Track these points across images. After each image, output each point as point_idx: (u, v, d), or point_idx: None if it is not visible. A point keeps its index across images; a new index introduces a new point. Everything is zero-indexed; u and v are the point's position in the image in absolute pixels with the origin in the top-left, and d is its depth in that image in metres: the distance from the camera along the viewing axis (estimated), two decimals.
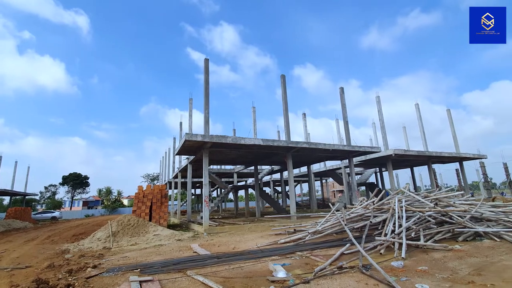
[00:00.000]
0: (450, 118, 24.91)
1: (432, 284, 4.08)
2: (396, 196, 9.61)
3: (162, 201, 14.22)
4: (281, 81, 15.50)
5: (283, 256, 6.55)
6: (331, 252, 6.51)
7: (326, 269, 5.02)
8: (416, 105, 24.05)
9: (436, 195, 10.03)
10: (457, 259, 5.49)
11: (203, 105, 13.08)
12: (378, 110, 20.40)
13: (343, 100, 17.81)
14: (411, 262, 5.39)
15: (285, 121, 15.00)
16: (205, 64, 13.57)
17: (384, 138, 19.94)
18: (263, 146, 13.93)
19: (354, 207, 10.34)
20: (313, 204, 24.14)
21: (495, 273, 4.46)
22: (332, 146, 15.55)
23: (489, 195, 26.86)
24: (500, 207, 10.52)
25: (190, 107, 19.14)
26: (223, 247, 8.19)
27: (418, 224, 7.88)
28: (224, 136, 12.58)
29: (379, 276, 4.40)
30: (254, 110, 22.43)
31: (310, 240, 8.21)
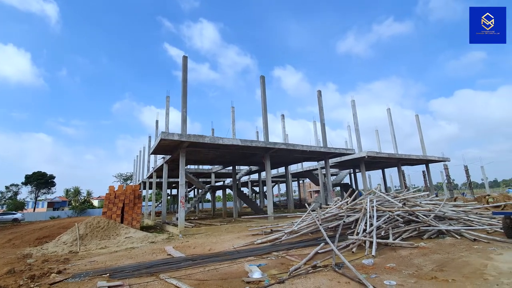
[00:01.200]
0: (418, 123, 26.49)
1: (399, 280, 4.29)
2: (368, 197, 10.02)
3: (135, 202, 13.68)
4: (260, 82, 15.57)
5: (260, 256, 6.56)
6: (306, 251, 6.63)
7: (301, 268, 5.11)
8: (388, 110, 25.30)
9: (405, 195, 10.60)
10: (422, 256, 5.83)
11: (180, 103, 12.78)
12: (353, 114, 21.20)
13: (320, 103, 18.27)
14: (381, 260, 5.64)
15: (263, 122, 15.08)
16: (184, 62, 13.28)
17: (358, 141, 20.75)
18: (242, 147, 13.90)
19: (329, 207, 10.63)
20: (290, 204, 24.50)
21: (455, 269, 4.79)
22: (309, 147, 15.89)
23: (451, 195, 28.91)
24: (460, 207, 11.36)
25: (167, 105, 18.63)
26: (199, 249, 8.05)
27: (388, 223, 8.27)
28: (202, 135, 12.39)
29: (351, 274, 4.55)
30: (233, 110, 22.34)
31: (286, 240, 8.31)
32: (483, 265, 4.88)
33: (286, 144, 15.29)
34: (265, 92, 15.37)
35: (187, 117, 12.79)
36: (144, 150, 29.90)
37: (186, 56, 13.36)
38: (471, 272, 4.54)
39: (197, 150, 14.42)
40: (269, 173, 15.44)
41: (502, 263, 4.97)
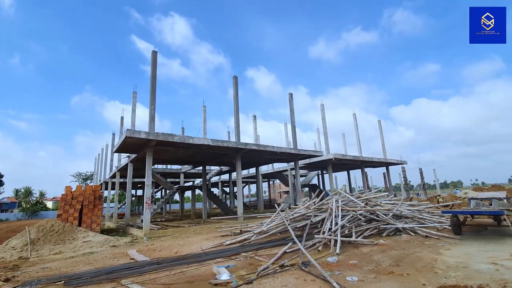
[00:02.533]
0: (380, 128, 28.32)
1: (360, 276, 4.53)
2: (334, 197, 10.47)
3: (95, 203, 12.79)
4: (233, 82, 15.50)
5: (228, 257, 6.50)
6: (275, 251, 6.72)
7: (269, 268, 5.16)
8: (353, 114, 26.68)
9: (367, 195, 11.25)
10: (381, 252, 6.22)
11: (149, 100, 12.23)
12: (322, 117, 22.01)
13: (291, 106, 18.69)
14: (344, 257, 5.90)
15: (235, 122, 15.02)
16: (153, 57, 12.74)
17: (326, 143, 21.59)
18: (213, 147, 13.70)
19: (298, 208, 10.91)
20: (260, 204, 24.69)
21: (410, 263, 5.18)
22: (280, 149, 16.16)
23: (408, 196, 31.30)
24: (415, 206, 12.35)
25: (134, 101, 17.72)
26: (165, 252, 7.75)
27: (351, 222, 8.71)
28: (171, 134, 11.97)
29: (316, 272, 4.69)
30: (205, 109, 21.93)
31: (255, 240, 8.34)
32: (434, 260, 5.34)
33: (258, 145, 15.38)
34: (238, 92, 15.34)
35: (156, 115, 12.29)
36: (107, 148, 28.11)
37: (156, 51, 12.84)
38: (423, 266, 4.94)
39: (165, 149, 13.91)
40: (240, 173, 15.41)
41: (450, 257, 5.48)
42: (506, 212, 7.11)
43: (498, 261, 4.98)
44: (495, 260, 5.06)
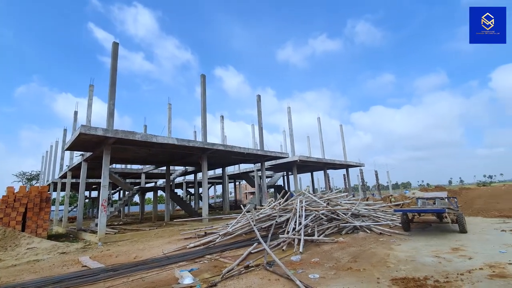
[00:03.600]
0: (342, 132, 29.98)
1: (321, 273, 4.71)
2: (298, 198, 10.78)
3: (41, 206, 11.51)
4: (201, 81, 15.14)
5: (192, 261, 6.31)
6: (240, 252, 6.69)
7: (234, 269, 5.10)
8: (318, 118, 27.85)
9: (329, 196, 11.78)
10: (341, 249, 6.55)
11: (107, 94, 11.38)
12: (288, 120, 22.59)
13: (259, 107, 18.86)
14: (307, 255, 6.10)
15: (202, 121, 14.69)
16: (114, 48, 11.90)
17: (291, 145, 22.19)
18: (178, 146, 13.21)
19: (263, 208, 11.02)
20: (226, 205, 24.46)
21: (366, 259, 5.53)
22: (246, 150, 16.19)
23: (364, 196, 33.54)
24: (371, 206, 13.26)
25: (90, 94, 16.38)
26: (122, 258, 7.25)
27: (314, 221, 9.04)
28: (132, 132, 11.28)
29: (280, 271, 4.77)
30: (170, 107, 21.09)
31: (220, 242, 8.22)
32: (387, 255, 5.77)
33: (225, 145, 15.22)
34: (205, 92, 15.03)
35: (115, 111, 11.47)
36: (57, 145, 25.55)
37: (117, 43, 12.01)
38: (377, 261, 5.31)
39: (125, 148, 13.06)
40: (206, 174, 15.10)
41: (400, 252, 5.97)
42: (447, 210, 7.98)
43: (440, 254, 5.56)
44: (438, 253, 5.63)
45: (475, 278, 3.99)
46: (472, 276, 4.08)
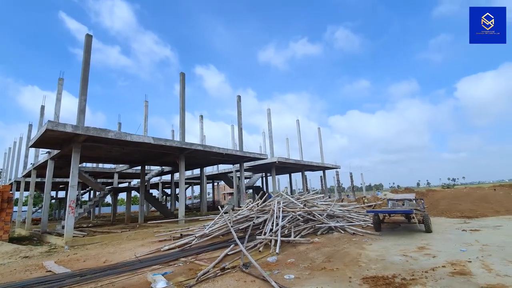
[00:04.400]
0: (320, 135, 30.74)
1: (296, 273, 4.77)
2: (276, 199, 10.88)
3: (2, 206, 10.65)
4: (180, 79, 14.82)
5: (166, 264, 6.13)
6: (217, 254, 6.60)
7: (210, 272, 5.03)
8: (297, 121, 28.35)
9: (306, 197, 12.02)
10: (316, 250, 6.69)
11: (79, 89, 10.77)
12: (268, 121, 22.77)
13: (239, 108, 18.82)
14: (283, 256, 6.16)
15: (181, 120, 14.37)
16: (87, 41, 11.30)
17: (271, 147, 22.38)
18: (154, 145, 12.80)
19: (241, 209, 10.98)
20: (203, 206, 24.07)
21: (339, 259, 5.69)
22: (225, 150, 16.07)
23: (340, 197, 34.62)
24: (345, 207, 13.71)
25: (60, 88, 15.42)
26: (91, 262, 6.88)
27: (291, 222, 9.17)
28: (105, 129, 10.76)
29: (256, 272, 4.77)
30: (147, 104, 20.42)
31: (197, 244, 8.07)
32: (359, 254, 5.98)
33: (203, 145, 15.00)
34: (185, 90, 14.73)
35: (87, 106, 10.90)
36: (22, 141, 23.76)
37: (91, 35, 11.42)
38: (350, 260, 5.49)
39: (97, 146, 12.43)
40: (183, 174, 14.77)
41: (372, 251, 6.22)
42: (414, 211, 8.44)
43: (408, 253, 5.86)
44: (405, 252, 5.94)
45: (438, 276, 4.25)
46: (435, 274, 4.35)
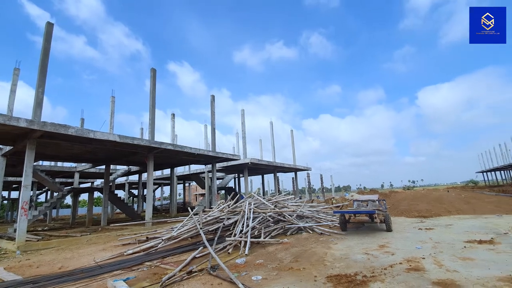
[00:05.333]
0: (292, 137, 31.41)
1: (264, 274, 4.80)
2: (247, 200, 10.88)
3: None
4: (151, 75, 14.26)
5: (129, 269, 5.83)
6: (184, 257, 6.43)
7: (176, 276, 4.87)
8: (270, 122, 28.68)
9: (277, 198, 12.18)
10: (284, 250, 6.79)
11: (36, 80, 9.89)
12: (242, 122, 22.76)
13: (213, 108, 18.58)
14: (252, 257, 6.16)
15: (150, 118, 13.81)
16: (47, 29, 10.42)
17: (244, 148, 22.38)
18: (120, 144, 12.15)
19: (212, 211, 10.82)
20: (173, 208, 23.33)
21: (306, 258, 5.83)
22: (197, 150, 15.74)
23: (310, 198, 35.60)
24: (315, 207, 14.12)
25: (15, 79, 14.06)
26: (45, 268, 6.33)
27: (261, 223, 9.22)
28: (65, 125, 9.99)
29: (224, 274, 4.71)
30: (114, 100, 19.33)
31: (163, 247, 7.78)
32: (325, 254, 6.18)
33: (174, 145, 14.55)
34: (155, 87, 14.20)
35: (46, 99, 10.06)
36: None
37: (52, 23, 10.55)
38: (316, 260, 5.64)
39: (56, 143, 11.50)
40: (151, 175, 14.20)
41: (337, 251, 6.46)
42: (377, 211, 8.94)
43: (369, 251, 6.17)
44: (367, 250, 6.25)
45: (395, 272, 4.52)
46: (393, 270, 4.62)
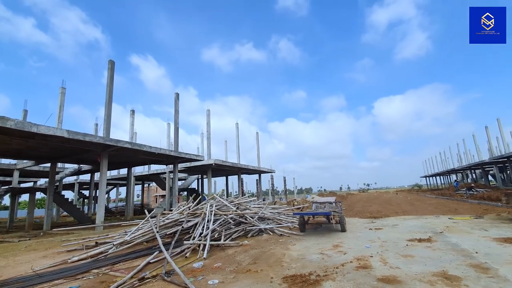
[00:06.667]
0: (257, 139, 31.74)
1: (221, 278, 4.73)
2: (209, 202, 10.67)
3: None
4: (108, 67, 13.28)
5: (73, 277, 5.31)
6: (137, 263, 6.05)
7: (126, 283, 4.56)
8: (236, 124, 28.65)
9: (239, 200, 12.16)
10: (244, 252, 6.78)
11: None
12: (207, 122, 22.37)
13: (177, 106, 17.96)
14: (210, 261, 6.03)
15: (106, 113, 12.84)
16: None
17: (208, 148, 22.01)
18: (69, 140, 11.08)
19: (171, 213, 10.40)
20: (129, 210, 21.94)
21: (264, 260, 5.88)
22: (158, 150, 15.04)
23: (273, 200, 36.26)
24: (276, 209, 14.39)
25: None
26: None
27: (222, 226, 9.10)
28: (3, 117, 8.82)
29: (179, 280, 4.53)
30: (64, 91, 17.58)
31: (115, 252, 7.24)
32: (283, 255, 6.30)
33: (132, 143, 13.72)
34: (113, 80, 13.26)
35: None
36: None
37: None
38: (274, 261, 5.73)
39: None
40: (105, 174, 13.18)
41: (294, 251, 6.63)
42: (333, 212, 9.40)
43: (324, 251, 6.45)
44: (323, 250, 6.53)
45: (346, 270, 4.78)
46: (344, 269, 4.88)
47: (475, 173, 49.16)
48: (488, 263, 4.80)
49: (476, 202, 18.02)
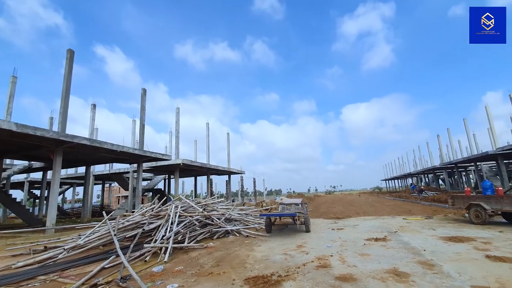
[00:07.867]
0: (228, 140, 31.54)
1: (181, 281, 4.58)
2: (174, 203, 10.32)
3: None
4: (67, 57, 12.27)
5: (16, 284, 4.81)
6: (91, 268, 5.63)
7: None
8: (207, 124, 28.20)
9: (206, 201, 11.93)
10: (208, 254, 6.65)
11: None
12: (176, 120, 21.70)
13: (143, 102, 17.17)
14: (171, 264, 5.82)
15: (63, 106, 11.83)
16: None
17: (176, 147, 21.33)
18: (18, 134, 10.01)
19: (133, 215, 9.86)
20: (86, 212, 20.45)
21: (228, 262, 5.82)
22: (120, 147, 14.22)
23: (242, 201, 36.20)
24: (244, 210, 14.37)
25: None
26: None
27: (187, 228, 8.85)
28: None
29: (135, 285, 4.30)
30: (15, 80, 15.89)
31: (66, 257, 6.67)
32: (247, 256, 6.29)
33: (91, 140, 12.79)
34: (72, 71, 12.28)
35: None
36: None
37: None
38: (238, 263, 5.69)
39: None
40: (58, 173, 12.10)
41: (259, 252, 6.66)
42: (298, 214, 9.63)
43: (288, 251, 6.57)
44: (286, 251, 6.64)
45: (306, 270, 4.91)
46: (305, 268, 5.01)
47: (428, 177, 53.78)
48: (434, 260, 5.24)
49: (428, 203, 19.70)
